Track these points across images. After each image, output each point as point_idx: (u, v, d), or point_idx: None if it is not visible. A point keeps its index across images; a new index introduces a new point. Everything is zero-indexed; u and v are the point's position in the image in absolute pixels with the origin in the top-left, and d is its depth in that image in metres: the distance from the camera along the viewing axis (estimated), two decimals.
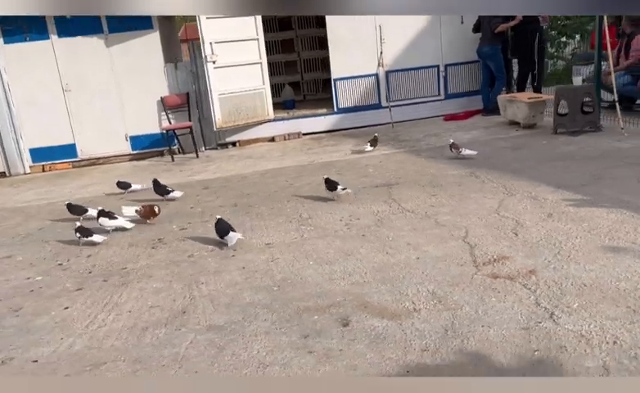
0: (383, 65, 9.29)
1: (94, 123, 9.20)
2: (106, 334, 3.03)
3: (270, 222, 4.73)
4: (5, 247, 5.00)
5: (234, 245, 4.20)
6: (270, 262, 3.81)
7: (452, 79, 9.52)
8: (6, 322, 3.35)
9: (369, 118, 9.44)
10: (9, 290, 3.89)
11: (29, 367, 2.79)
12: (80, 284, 3.82)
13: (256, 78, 9.10)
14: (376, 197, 5.07)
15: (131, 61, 9.02)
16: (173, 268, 3.92)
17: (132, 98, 9.15)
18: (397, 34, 9.21)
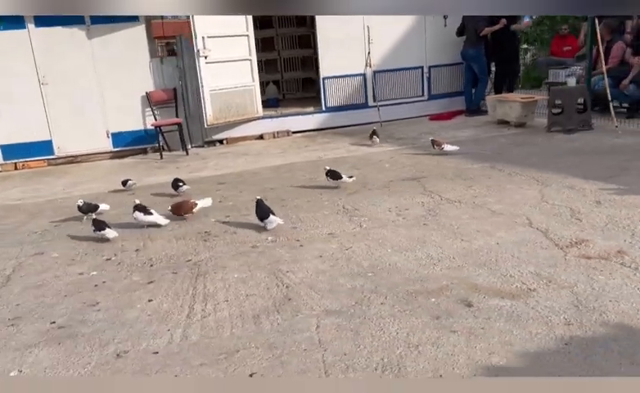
0: (371, 65, 9.41)
1: (73, 118, 8.76)
2: (218, 323, 2.93)
3: (315, 214, 4.70)
4: (29, 244, 4.69)
5: (273, 227, 4.32)
6: (345, 250, 3.79)
7: (435, 81, 9.79)
8: (90, 317, 3.16)
9: (356, 117, 9.54)
10: (68, 286, 3.66)
11: (151, 359, 2.65)
12: (149, 277, 3.66)
13: (246, 74, 9.00)
14: (410, 190, 5.14)
15: (114, 54, 8.67)
16: (243, 259, 3.82)
17: (114, 93, 8.78)
18: (384, 35, 9.37)
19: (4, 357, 2.77)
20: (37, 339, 2.95)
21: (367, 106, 9.58)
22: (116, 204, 5.64)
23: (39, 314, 3.26)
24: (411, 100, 9.72)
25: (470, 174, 5.52)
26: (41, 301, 3.45)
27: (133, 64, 8.72)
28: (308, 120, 9.54)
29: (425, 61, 9.65)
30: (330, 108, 9.48)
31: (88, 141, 8.90)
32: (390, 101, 9.61)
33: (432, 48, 9.59)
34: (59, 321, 3.14)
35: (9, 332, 3.06)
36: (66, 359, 2.69)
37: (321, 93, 9.43)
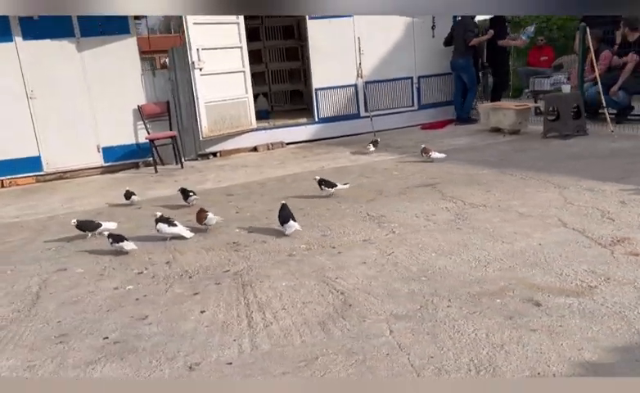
0: (362, 76, 9.47)
1: (62, 133, 8.50)
2: (284, 332, 2.85)
3: (340, 221, 4.66)
4: (46, 261, 4.50)
5: (292, 233, 4.35)
6: (387, 256, 3.76)
7: (424, 90, 9.90)
8: (145, 331, 3.03)
9: (349, 127, 9.56)
10: (107, 301, 3.51)
11: (227, 369, 2.56)
12: (192, 289, 3.55)
13: (240, 86, 8.94)
14: (429, 196, 5.16)
15: (105, 67, 8.48)
16: (284, 267, 3.75)
17: (105, 107, 8.58)
18: (374, 47, 9.45)
19: (65, 374, 2.61)
20: (94, 355, 2.80)
21: (359, 116, 9.61)
22: (126, 218, 5.47)
23: (87, 330, 3.10)
24: (401, 110, 9.81)
25: (482, 180, 5.56)
26: (83, 317, 3.29)
27: (125, 77, 8.56)
28: (301, 131, 9.50)
29: (414, 72, 9.76)
30: (323, 119, 9.47)
31: (78, 156, 8.65)
32: (382, 111, 9.67)
33: (421, 59, 9.71)
34: (112, 336, 2.99)
35: (60, 350, 2.90)
36: (136, 374, 2.55)
37: (313, 104, 9.42)
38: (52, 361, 2.82)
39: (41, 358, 2.86)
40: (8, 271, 4.35)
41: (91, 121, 8.57)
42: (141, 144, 8.81)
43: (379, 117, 9.56)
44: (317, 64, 9.26)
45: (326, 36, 9.20)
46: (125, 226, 5.24)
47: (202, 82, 8.37)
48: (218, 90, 8.61)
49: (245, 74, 8.93)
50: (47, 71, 8.31)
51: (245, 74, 8.93)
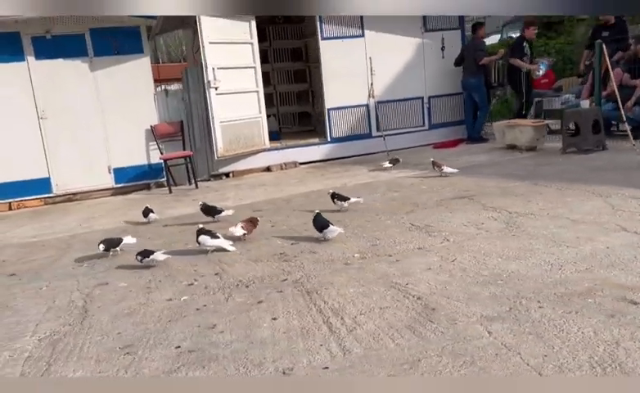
0: (373, 96, 9.43)
1: (72, 154, 8.28)
2: (371, 336, 2.70)
3: (386, 232, 4.55)
4: (83, 276, 4.30)
5: (334, 237, 4.38)
6: (451, 262, 3.63)
7: (435, 110, 9.88)
8: (218, 339, 2.85)
9: (361, 147, 9.48)
10: (164, 312, 3.33)
11: (325, 374, 2.38)
12: (254, 297, 3.38)
13: (253, 106, 8.83)
14: (469, 206, 5.07)
15: (118, 87, 8.32)
16: (345, 275, 3.61)
17: (117, 127, 8.39)
18: (386, 67, 9.43)
19: (137, 389, 2.41)
20: (173, 364, 2.61)
21: (370, 136, 9.54)
22: (154, 235, 5.32)
23: (153, 341, 2.90)
24: (413, 129, 9.76)
25: (517, 191, 5.48)
26: (145, 328, 3.08)
27: (138, 97, 8.39)
28: (314, 151, 9.39)
29: (425, 92, 9.75)
30: (335, 139, 9.38)
31: (89, 177, 8.42)
32: (393, 130, 9.61)
33: (431, 79, 9.71)
34: (184, 345, 2.81)
35: (130, 361, 2.69)
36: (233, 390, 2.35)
37: (326, 124, 9.33)
38: (127, 371, 2.60)
39: (112, 369, 2.64)
40: (43, 287, 4.13)
41: (103, 142, 8.37)
42: (153, 165, 8.62)
43: (391, 136, 9.50)
44: (330, 84, 9.20)
45: (338, 56, 9.17)
46: (156, 242, 5.06)
47: (217, 101, 8.24)
48: (233, 109, 8.49)
49: (258, 94, 8.84)
50: (59, 91, 8.13)
51: (259, 95, 8.84)
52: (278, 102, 11.24)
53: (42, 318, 3.48)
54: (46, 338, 3.13)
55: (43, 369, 2.74)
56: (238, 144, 8.63)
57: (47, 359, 2.85)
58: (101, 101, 8.29)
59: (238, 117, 8.55)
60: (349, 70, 9.20)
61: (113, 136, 8.38)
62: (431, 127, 9.85)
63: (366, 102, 9.45)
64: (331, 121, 9.34)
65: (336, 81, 9.15)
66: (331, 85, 9.19)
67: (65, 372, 2.70)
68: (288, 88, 11.32)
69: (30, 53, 7.97)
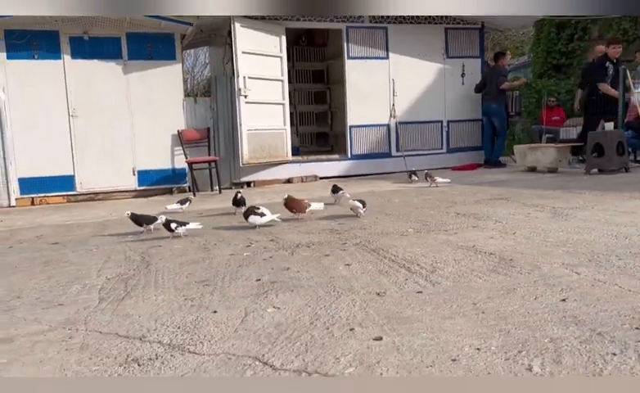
0: (395, 116, 9.53)
1: (99, 153, 8.26)
2: (456, 275, 2.71)
3: (436, 217, 4.56)
4: (132, 242, 4.24)
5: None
6: (512, 235, 3.63)
7: (453, 134, 9.99)
8: (297, 275, 2.84)
9: (380, 165, 9.53)
10: (230, 260, 3.31)
11: (420, 298, 2.34)
12: (321, 252, 3.37)
13: (279, 118, 8.91)
14: (510, 204, 5.08)
15: (148, 91, 8.37)
16: (406, 240, 3.63)
17: (145, 130, 8.40)
18: (407, 89, 9.58)
19: (228, 305, 2.36)
20: (259, 289, 2.58)
21: (390, 155, 9.61)
22: (193, 218, 5.25)
23: (229, 277, 2.88)
24: (431, 152, 9.85)
25: (555, 195, 5.51)
26: (216, 271, 3.06)
27: (168, 102, 8.44)
28: (333, 166, 9.44)
29: (444, 116, 9.87)
30: (355, 155, 9.44)
31: (113, 177, 8.37)
32: (412, 151, 9.68)
33: (451, 104, 9.85)
34: (264, 278, 2.78)
35: (212, 289, 2.65)
36: (318, 302, 2.33)
37: (347, 141, 9.40)
38: (212, 294, 2.55)
39: (195, 293, 2.60)
40: (93, 249, 4.06)
41: (129, 143, 8.36)
42: (177, 169, 8.61)
43: (410, 157, 9.56)
44: (353, 102, 9.32)
45: (362, 76, 9.33)
46: (200, 222, 4.99)
47: (246, 109, 8.32)
48: (260, 119, 8.56)
49: (284, 106, 8.93)
50: (91, 91, 8.17)
51: (285, 107, 8.93)
52: (298, 121, 11.33)
53: (103, 266, 3.42)
54: (114, 278, 3.08)
55: (122, 295, 2.67)
56: (262, 153, 8.66)
57: (122, 289, 2.80)
58: (131, 104, 8.32)
59: (264, 127, 8.61)
60: (372, 90, 9.35)
61: (140, 138, 8.38)
62: (449, 150, 9.94)
63: (387, 122, 9.55)
64: (353, 138, 9.42)
65: (359, 100, 9.28)
66: (353, 103, 9.31)
67: (146, 295, 2.64)
68: (308, 108, 11.46)
69: (67, 52, 8.03)
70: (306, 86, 11.36)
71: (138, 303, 2.53)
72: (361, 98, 9.30)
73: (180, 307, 2.43)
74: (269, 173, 9.02)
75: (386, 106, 9.54)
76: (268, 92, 8.66)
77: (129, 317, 2.34)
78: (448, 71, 9.85)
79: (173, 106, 8.50)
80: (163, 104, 8.42)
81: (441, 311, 2.18)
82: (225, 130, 8.78)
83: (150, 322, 2.26)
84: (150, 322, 2.26)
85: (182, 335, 2.08)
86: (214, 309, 2.37)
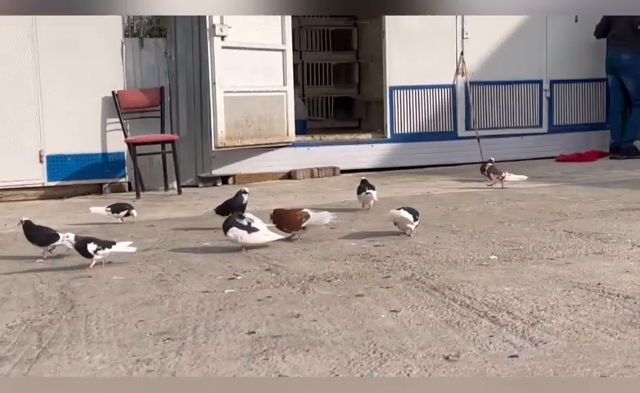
0: (464, 73, 9.60)
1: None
2: (572, 330, 2.87)
3: (532, 237, 4.77)
4: (44, 271, 4.41)
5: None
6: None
7: (559, 104, 10.01)
8: (313, 327, 3.00)
9: (439, 152, 9.60)
10: (205, 302, 3.46)
11: (515, 363, 2.43)
12: (350, 291, 3.52)
13: (276, 73, 9.03)
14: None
15: (65, 28, 8.42)
16: (488, 274, 3.85)
17: (58, 91, 8.46)
18: (485, 29, 9.60)
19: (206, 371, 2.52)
20: (254, 348, 2.77)
21: (455, 136, 9.70)
22: (143, 235, 5.53)
23: (204, 328, 3.08)
24: (522, 131, 9.92)
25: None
26: (183, 316, 3.28)
27: (95, 45, 8.52)
28: (363, 154, 9.53)
29: (544, 73, 9.96)
30: (399, 136, 9.53)
31: (8, 167, 8.42)
32: (492, 130, 9.69)
33: (556, 54, 9.90)
34: (260, 331, 2.97)
35: (178, 346, 2.79)
36: (369, 376, 2.42)
37: (386, 113, 9.42)
38: (179, 354, 2.70)
39: (150, 354, 2.74)
40: None
41: (34, 112, 8.42)
42: (110, 155, 8.74)
43: (487, 139, 9.58)
44: (395, 49, 9.39)
45: None
46: (149, 240, 5.14)
47: (223, 58, 8.39)
48: (245, 75, 8.67)
49: (284, 54, 9.03)
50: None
51: (286, 55, 9.03)
52: (305, 80, 11.41)
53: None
54: (20, 325, 3.19)
55: (36, 353, 2.77)
56: (248, 130, 8.76)
57: (35, 343, 2.90)
58: (37, 48, 8.38)
59: (252, 87, 8.71)
60: (427, 28, 9.42)
61: (51, 105, 8.42)
62: (553, 129, 10.02)
63: (451, 82, 9.64)
64: (395, 108, 9.48)
65: (407, 45, 9.36)
66: (397, 50, 9.40)
67: (74, 353, 2.73)
68: (320, 57, 11.53)
69: None
70: (319, 21, 11.44)
71: (62, 366, 2.62)
72: (409, 42, 9.39)
73: (129, 372, 2.51)
74: (259, 162, 9.15)
75: (450, 56, 9.66)
76: (259, 31, 8.74)
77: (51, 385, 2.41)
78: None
79: (106, 51, 8.63)
80: (88, 48, 8.52)
81: (550, 389, 2.25)
82: (188, 92, 8.88)
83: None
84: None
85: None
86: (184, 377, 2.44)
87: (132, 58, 8.81)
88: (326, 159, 9.39)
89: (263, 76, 8.88)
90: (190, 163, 9.00)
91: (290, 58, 9.08)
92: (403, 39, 9.38)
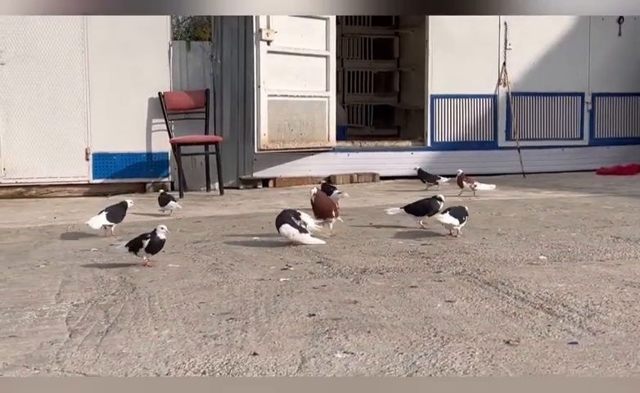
0: (506, 84, 9.61)
1: (32, 125, 8.46)
2: (629, 322, 2.96)
3: (580, 241, 4.86)
4: (100, 258, 4.54)
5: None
6: None
7: (601, 117, 10.01)
8: (372, 312, 3.14)
9: (479, 162, 9.59)
10: (262, 288, 3.57)
11: (573, 350, 2.49)
12: (403, 282, 3.58)
13: (319, 79, 9.12)
14: None
15: (115, 30, 8.56)
16: (538, 272, 3.95)
17: (107, 90, 8.61)
18: (528, 40, 9.63)
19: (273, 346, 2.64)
20: (316, 328, 2.88)
21: (496, 146, 9.72)
22: (190, 229, 5.68)
23: (265, 310, 3.22)
24: (563, 143, 9.92)
25: None
26: (242, 300, 3.42)
27: (143, 47, 8.66)
28: (403, 161, 9.57)
29: (587, 86, 9.95)
30: (439, 144, 9.59)
31: (55, 164, 8.59)
32: (532, 141, 9.71)
33: (598, 66, 9.92)
34: (320, 314, 3.09)
35: (241, 324, 2.89)
36: (433, 354, 2.50)
37: (427, 121, 9.48)
38: (245, 331, 2.79)
39: (216, 331, 2.86)
40: (40, 265, 4.35)
41: (82, 111, 8.57)
42: (154, 155, 8.86)
43: (528, 150, 9.61)
44: (438, 57, 9.46)
45: (453, 19, 9.39)
46: (199, 234, 5.25)
47: (268, 62, 8.50)
48: (289, 80, 8.76)
49: (328, 60, 9.10)
50: (28, 27, 8.34)
51: (329, 61, 9.12)
52: (345, 87, 11.50)
53: (62, 288, 3.66)
54: (85, 304, 3.30)
55: (105, 327, 2.87)
56: (290, 134, 8.86)
57: (102, 319, 3.00)
58: (88, 49, 8.52)
59: (295, 91, 8.80)
60: (470, 38, 9.49)
61: (99, 103, 8.57)
62: (594, 142, 10.03)
63: (493, 92, 9.68)
64: (435, 116, 9.55)
65: (449, 54, 9.44)
66: (439, 59, 9.47)
67: (142, 328, 2.83)
68: (362, 65, 11.64)
69: None
70: (361, 30, 11.53)
71: (132, 338, 2.72)
72: (452, 51, 9.45)
73: (199, 346, 2.61)
74: (299, 166, 9.23)
75: (493, 66, 9.69)
76: (303, 37, 8.84)
77: (124, 356, 2.52)
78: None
79: (154, 53, 8.75)
80: (137, 50, 8.66)
81: (613, 370, 2.33)
82: (233, 95, 8.99)
83: (157, 364, 2.44)
84: (157, 364, 2.44)
85: (210, 382, 2.24)
86: (251, 350, 2.55)
87: (178, 60, 8.92)
88: (366, 165, 9.46)
89: (307, 81, 8.96)
90: (232, 165, 9.09)
91: (333, 64, 9.16)
92: (445, 48, 9.43)
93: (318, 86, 9.13)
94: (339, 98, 11.08)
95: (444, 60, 9.51)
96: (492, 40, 9.65)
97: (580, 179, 8.99)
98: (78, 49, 8.52)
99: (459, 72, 9.57)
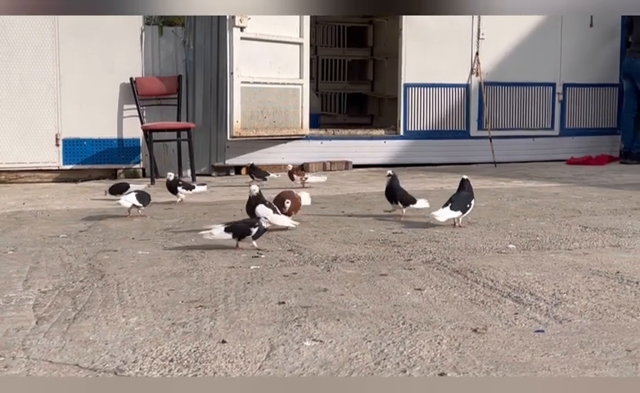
0: (479, 74, 9.65)
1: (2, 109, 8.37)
2: (594, 311, 2.96)
3: (549, 230, 4.83)
4: (69, 244, 4.51)
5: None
6: None
7: (572, 107, 10.10)
8: (341, 300, 3.11)
9: (451, 151, 9.68)
10: (232, 276, 3.56)
11: (540, 338, 2.51)
12: (373, 270, 3.59)
13: (293, 66, 9.10)
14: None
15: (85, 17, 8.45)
16: (506, 260, 3.91)
17: (77, 75, 8.53)
18: (500, 31, 9.66)
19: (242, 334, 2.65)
20: (286, 316, 2.85)
21: (467, 135, 9.77)
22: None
23: (235, 298, 3.16)
24: (535, 133, 9.95)
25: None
26: (212, 287, 3.36)
27: (115, 31, 8.58)
28: (376, 150, 9.61)
29: (558, 76, 10.02)
30: (412, 133, 9.62)
31: (24, 148, 8.51)
32: (503, 131, 9.77)
33: (570, 58, 9.98)
34: (289, 302, 3.06)
35: (210, 312, 2.86)
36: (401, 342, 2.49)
37: (400, 110, 9.50)
38: (214, 319, 2.79)
39: (184, 318, 2.84)
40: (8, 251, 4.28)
41: (52, 95, 8.48)
42: (125, 141, 8.79)
43: (499, 140, 9.66)
44: (411, 46, 9.46)
45: None
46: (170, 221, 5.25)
47: (241, 49, 8.47)
48: (263, 66, 8.73)
49: (302, 47, 9.09)
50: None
51: (303, 48, 9.11)
52: (319, 74, 11.48)
53: (29, 275, 3.62)
54: (53, 291, 3.27)
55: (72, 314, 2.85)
56: (263, 121, 8.84)
57: (70, 306, 2.98)
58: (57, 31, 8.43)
59: (269, 79, 8.78)
60: (443, 28, 9.49)
61: (69, 88, 8.49)
62: (564, 132, 10.10)
63: (466, 81, 9.70)
64: (409, 105, 9.56)
65: (423, 43, 9.45)
66: (413, 48, 9.49)
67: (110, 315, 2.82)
68: (335, 53, 11.61)
69: None
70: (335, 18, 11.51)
71: (100, 326, 2.71)
72: (425, 41, 9.47)
73: (167, 333, 2.60)
74: (272, 154, 9.22)
75: (466, 56, 9.73)
76: (277, 24, 8.82)
77: (91, 343, 2.51)
78: None
79: (126, 38, 8.68)
80: (109, 34, 8.59)
81: (577, 358, 2.34)
82: (205, 81, 8.96)
83: (125, 351, 2.42)
84: (125, 351, 2.42)
85: (177, 370, 2.23)
86: (220, 338, 2.54)
87: (150, 46, 8.89)
88: (339, 153, 9.47)
89: (280, 68, 8.95)
90: (204, 152, 9.08)
91: (307, 52, 9.15)
92: (419, 38, 9.46)
93: (292, 73, 9.11)
94: (312, 86, 11.04)
95: (418, 49, 9.52)
96: (465, 30, 9.68)
97: (550, 169, 9.06)
98: (49, 32, 8.42)
99: (432, 61, 9.61)
